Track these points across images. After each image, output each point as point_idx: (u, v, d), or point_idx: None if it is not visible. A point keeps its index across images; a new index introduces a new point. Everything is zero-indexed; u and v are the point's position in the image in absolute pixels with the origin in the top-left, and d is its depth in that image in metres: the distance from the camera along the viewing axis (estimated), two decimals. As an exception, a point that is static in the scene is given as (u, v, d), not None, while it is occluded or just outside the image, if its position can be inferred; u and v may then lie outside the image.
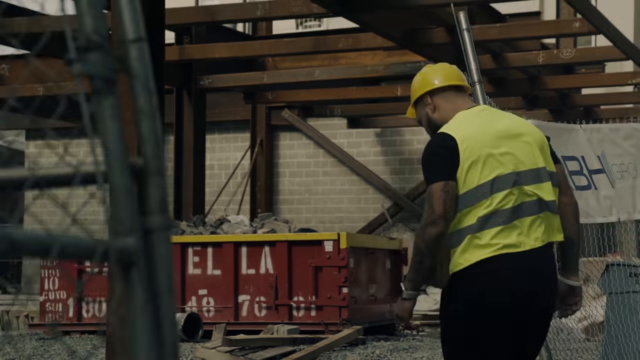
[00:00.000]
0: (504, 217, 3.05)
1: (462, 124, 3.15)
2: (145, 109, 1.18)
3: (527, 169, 3.13)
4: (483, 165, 3.06)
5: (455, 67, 3.37)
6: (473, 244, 3.05)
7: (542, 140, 3.23)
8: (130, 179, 1.16)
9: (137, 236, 1.14)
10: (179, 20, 10.31)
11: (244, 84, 13.47)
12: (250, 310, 9.21)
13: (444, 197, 3.02)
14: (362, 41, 11.57)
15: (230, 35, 14.10)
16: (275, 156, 17.50)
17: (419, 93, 3.29)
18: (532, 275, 3.07)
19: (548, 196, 3.14)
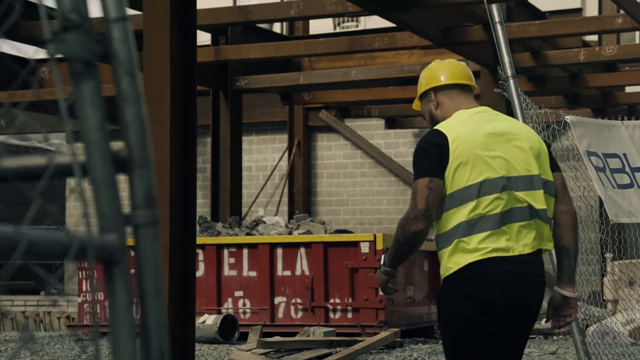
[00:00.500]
0: (492, 222, 3.03)
1: (457, 123, 3.13)
2: (129, 94, 1.09)
3: (519, 175, 3.09)
4: (472, 167, 3.04)
5: (464, 65, 3.34)
6: (460, 248, 3.04)
7: (540, 147, 3.19)
8: (113, 171, 1.06)
9: (120, 233, 1.05)
10: (213, 20, 10.26)
11: (280, 85, 13.41)
12: (287, 312, 9.13)
13: (427, 193, 3.02)
14: (399, 40, 11.44)
15: (266, 35, 14.05)
16: (312, 157, 17.42)
17: (424, 88, 3.30)
18: (521, 280, 3.05)
19: (539, 204, 3.11)
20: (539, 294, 3.12)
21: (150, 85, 6.73)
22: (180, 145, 6.63)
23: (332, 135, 17.32)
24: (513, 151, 3.11)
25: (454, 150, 3.04)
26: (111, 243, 1.03)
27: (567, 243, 3.17)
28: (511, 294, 3.04)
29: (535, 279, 3.09)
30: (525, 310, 3.10)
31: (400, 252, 3.15)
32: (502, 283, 3.02)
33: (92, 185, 1.05)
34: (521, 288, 3.05)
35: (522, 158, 3.12)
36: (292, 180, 16.93)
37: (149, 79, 6.75)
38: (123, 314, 1.04)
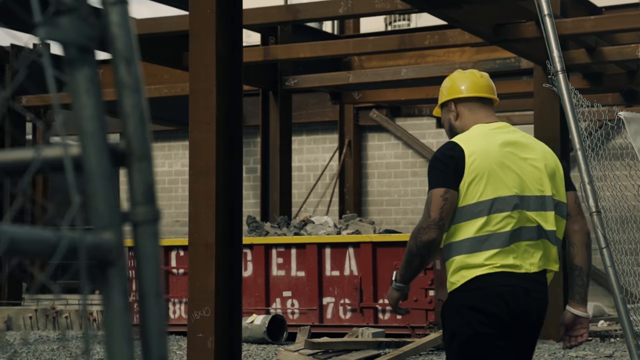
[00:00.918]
0: (501, 240, 3.04)
1: (475, 137, 3.12)
2: (127, 82, 1.02)
3: (531, 195, 3.10)
4: (486, 183, 3.04)
5: (487, 77, 3.32)
6: (467, 264, 3.04)
7: (555, 168, 3.18)
8: (109, 164, 0.99)
9: (116, 231, 0.98)
10: (262, 19, 10.22)
11: (329, 84, 13.33)
12: (335, 312, 9.05)
13: (442, 203, 3.01)
14: (449, 38, 11.28)
15: (316, 35, 13.99)
16: (363, 157, 17.32)
17: (445, 98, 3.29)
18: (526, 295, 3.07)
19: (549, 226, 3.10)
20: (542, 312, 3.13)
21: (197, 84, 6.71)
22: (226, 143, 6.60)
23: (382, 134, 17.20)
24: (528, 170, 3.11)
25: (470, 164, 3.04)
26: (106, 242, 0.96)
27: (579, 262, 3.17)
28: (515, 308, 3.05)
29: (538, 295, 3.11)
30: (529, 325, 3.11)
31: (412, 263, 3.12)
32: (507, 296, 3.04)
33: (87, 179, 0.98)
34: (525, 302, 3.07)
35: (536, 177, 3.12)
36: (343, 180, 16.85)
37: (195, 78, 6.73)
38: (119, 319, 0.97)
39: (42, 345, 9.46)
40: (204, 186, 6.47)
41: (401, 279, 3.21)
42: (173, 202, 17.39)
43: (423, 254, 3.07)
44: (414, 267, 3.14)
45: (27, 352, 8.86)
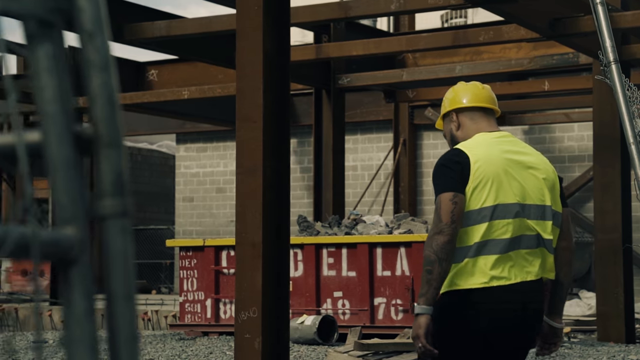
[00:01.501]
0: (501, 246, 3.07)
1: (478, 145, 3.17)
2: (95, 60, 0.92)
3: (532, 203, 3.15)
4: (490, 190, 3.08)
5: (489, 88, 3.38)
6: (469, 269, 3.06)
7: (554, 180, 3.25)
8: (73, 151, 0.89)
9: (80, 225, 0.88)
10: (313, 17, 10.13)
11: (383, 82, 13.18)
12: (387, 313, 8.90)
13: (452, 207, 3.03)
14: (504, 33, 11.04)
15: (369, 33, 13.85)
16: (418, 156, 17.12)
17: (447, 109, 3.33)
18: (520, 311, 3.11)
19: (547, 234, 3.17)
20: (537, 325, 3.19)
21: (243, 82, 6.65)
22: (273, 141, 6.52)
23: (438, 133, 16.95)
24: (529, 179, 3.17)
25: (475, 170, 3.07)
26: (66, 238, 0.86)
27: (562, 278, 3.25)
28: (508, 326, 3.11)
29: (534, 307, 3.16)
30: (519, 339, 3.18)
31: (432, 274, 3.02)
32: (498, 313, 3.09)
33: (49, 169, 0.88)
34: (519, 320, 3.12)
35: (537, 187, 3.17)
36: (398, 179, 16.67)
37: (242, 76, 6.66)
38: (80, 324, 0.87)
39: (94, 344, 9.51)
40: (250, 185, 6.39)
41: (425, 300, 3.04)
42: (228, 202, 17.42)
43: (441, 258, 3.01)
44: (436, 279, 3.02)
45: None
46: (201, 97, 13.81)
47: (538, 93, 14.14)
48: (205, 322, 9.75)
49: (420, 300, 3.05)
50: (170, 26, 10.27)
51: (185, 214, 18.64)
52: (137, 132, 19.24)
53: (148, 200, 22.71)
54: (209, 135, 18.27)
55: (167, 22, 10.26)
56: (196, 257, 9.77)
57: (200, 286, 9.75)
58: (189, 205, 18.60)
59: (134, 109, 15.97)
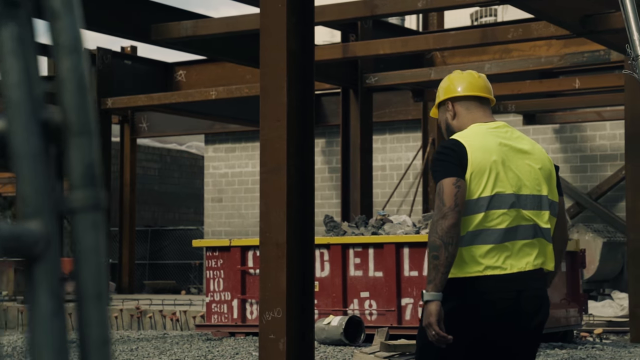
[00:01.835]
0: (496, 236, 3.05)
1: (474, 135, 3.14)
2: (64, 42, 0.86)
3: (529, 193, 3.14)
4: (487, 180, 3.07)
5: (484, 77, 3.37)
6: (461, 257, 3.03)
7: (550, 169, 3.24)
8: (40, 140, 0.84)
9: (46, 219, 0.82)
10: (339, 15, 10.05)
11: (410, 81, 13.07)
12: (414, 314, 8.80)
13: (455, 190, 3.00)
14: (534, 30, 10.90)
15: (397, 32, 13.76)
16: (448, 155, 17.00)
17: (442, 98, 3.31)
18: (515, 300, 3.06)
19: (544, 224, 3.15)
20: (539, 309, 3.10)
21: (267, 80, 6.60)
22: (297, 140, 6.46)
23: (467, 132, 16.83)
24: (526, 169, 3.15)
25: (472, 160, 3.06)
26: (29, 233, 0.81)
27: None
28: (502, 315, 3.05)
29: (534, 293, 3.09)
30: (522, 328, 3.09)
31: (439, 260, 2.96)
32: (494, 304, 3.04)
33: (13, 158, 0.83)
34: (516, 307, 3.05)
35: (533, 177, 3.16)
36: (427, 179, 16.54)
37: (266, 75, 6.61)
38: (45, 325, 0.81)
39: (121, 345, 9.52)
40: (274, 184, 6.34)
41: (433, 286, 2.98)
42: (256, 203, 17.41)
43: (447, 242, 2.96)
44: (443, 264, 2.96)
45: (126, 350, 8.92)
46: (229, 97, 13.80)
47: (569, 91, 13.96)
48: (232, 322, 9.71)
49: (429, 287, 2.99)
50: (196, 26, 10.26)
51: (214, 215, 18.66)
52: (166, 133, 19.28)
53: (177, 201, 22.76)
54: (238, 135, 18.27)
55: (194, 22, 10.26)
56: (222, 257, 9.74)
57: (226, 286, 9.72)
58: (218, 206, 18.62)
59: (162, 109, 16.01)
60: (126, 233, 18.59)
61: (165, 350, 8.88)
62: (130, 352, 8.83)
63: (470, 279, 3.01)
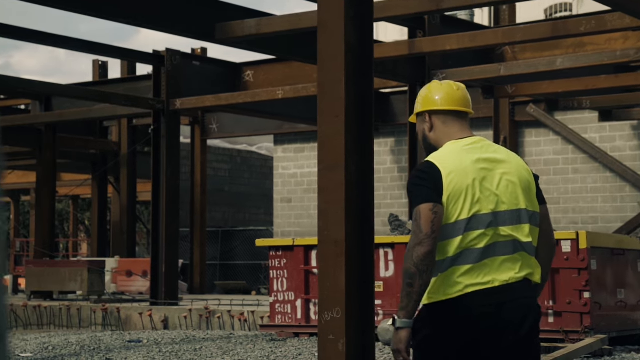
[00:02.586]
0: (474, 255, 3.04)
1: (449, 156, 3.14)
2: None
3: (507, 209, 3.12)
4: (464, 202, 3.06)
5: (463, 89, 3.32)
6: (442, 281, 3.03)
7: (529, 179, 3.21)
8: None
9: None
10: (403, 11, 9.84)
11: (480, 78, 12.77)
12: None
13: (432, 217, 3.00)
14: (608, 22, 10.51)
15: (466, 27, 13.47)
16: (520, 154, 16.59)
17: (420, 109, 3.31)
18: (500, 310, 3.03)
19: (525, 238, 3.12)
20: (525, 318, 3.05)
21: (325, 75, 6.46)
22: (355, 137, 6.31)
23: (540, 130, 16.42)
24: (502, 185, 3.13)
25: (448, 184, 3.05)
26: None
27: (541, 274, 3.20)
28: (487, 329, 3.02)
29: (519, 302, 3.05)
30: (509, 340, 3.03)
31: (412, 287, 2.98)
32: (477, 319, 3.01)
33: None
34: (500, 319, 3.02)
35: (510, 192, 3.13)
36: (499, 178, 16.21)
37: (323, 69, 6.48)
38: None
39: (186, 344, 9.51)
40: (332, 181, 6.19)
41: (405, 313, 3.00)
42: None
43: (422, 270, 2.98)
44: (416, 292, 2.98)
45: (170, 352, 8.91)
46: (295, 96, 13.71)
47: (646, 86, 13.46)
48: (296, 322, 9.61)
49: (401, 314, 3.02)
50: (259, 24, 10.20)
51: (284, 215, 18.63)
52: (235, 134, 19.34)
53: (248, 202, 22.82)
54: (307, 135, 18.20)
55: (257, 20, 10.20)
56: (286, 256, 9.66)
57: (290, 286, 9.62)
58: (287, 206, 18.59)
59: (230, 110, 16.03)
60: (197, 234, 18.70)
61: (229, 350, 8.83)
62: (194, 351, 8.81)
63: (453, 300, 3.01)
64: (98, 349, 9.35)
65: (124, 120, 19.73)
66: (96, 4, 9.76)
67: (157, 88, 14.84)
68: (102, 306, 14.59)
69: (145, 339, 10.18)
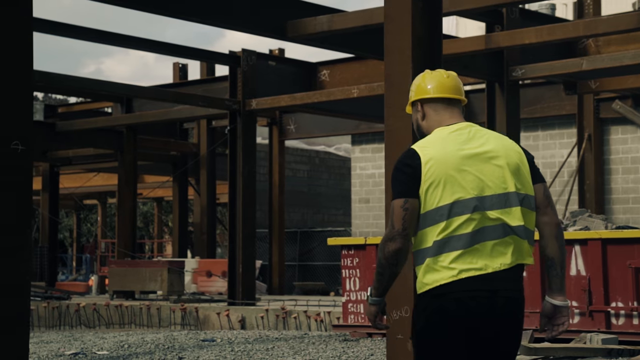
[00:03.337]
0: (463, 241, 3.08)
1: (434, 142, 3.18)
2: None
3: (493, 194, 3.14)
4: (444, 188, 3.11)
5: (455, 76, 3.34)
6: (432, 267, 3.09)
7: (519, 162, 3.21)
8: None
9: None
10: (476, 3, 9.59)
11: (560, 72, 12.37)
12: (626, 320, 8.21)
13: (403, 213, 3.09)
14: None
15: (547, 21, 13.09)
16: (605, 152, 16.07)
17: (413, 98, 3.35)
18: (490, 299, 3.08)
19: (514, 221, 3.14)
20: (513, 310, 3.12)
21: (392, 68, 6.31)
22: (424, 131, 6.13)
23: (627, 127, 15.87)
24: (488, 169, 3.16)
25: (426, 171, 3.10)
26: None
27: (551, 253, 3.20)
28: (480, 314, 3.08)
29: (509, 294, 3.11)
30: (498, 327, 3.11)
31: (383, 276, 3.16)
32: (470, 303, 3.06)
33: None
34: (490, 308, 3.08)
35: (497, 176, 3.16)
36: (583, 176, 15.73)
37: (390, 62, 6.33)
38: None
39: (259, 344, 9.46)
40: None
41: (375, 292, 3.24)
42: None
43: (392, 264, 3.12)
44: (385, 279, 3.16)
45: (242, 351, 8.87)
46: (370, 94, 13.56)
47: None
48: (368, 322, 9.44)
49: (373, 292, 3.23)
50: (331, 21, 10.10)
51: (362, 216, 18.49)
52: (313, 134, 19.29)
53: (326, 203, 22.75)
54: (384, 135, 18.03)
55: (329, 17, 10.10)
56: (358, 255, 9.51)
57: (362, 285, 9.48)
58: (365, 207, 18.44)
59: (306, 109, 15.98)
60: (276, 234, 18.72)
61: (301, 350, 8.74)
62: (265, 351, 8.75)
63: (446, 285, 3.06)
64: (172, 347, 9.37)
65: (203, 122, 19.91)
66: (170, 4, 9.81)
67: (233, 89, 14.88)
68: (181, 306, 14.70)
69: (219, 338, 10.18)
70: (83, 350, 9.20)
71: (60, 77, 14.42)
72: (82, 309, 15.57)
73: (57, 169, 22.19)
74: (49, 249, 21.27)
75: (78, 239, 37.19)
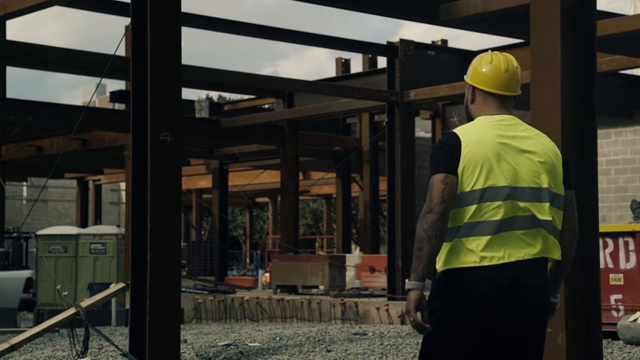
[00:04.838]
0: (491, 227, 3.12)
1: (475, 128, 3.23)
2: None
3: (526, 186, 3.18)
4: (479, 173, 3.15)
5: (514, 69, 3.29)
6: (458, 248, 3.13)
7: (555, 162, 3.26)
8: None
9: None
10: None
11: None
12: None
13: (442, 187, 3.13)
14: None
15: None
16: None
17: (468, 80, 3.36)
18: (515, 285, 3.10)
19: (543, 216, 3.18)
20: (536, 297, 3.14)
21: (538, 40, 5.84)
22: (574, 108, 5.64)
23: None
24: (524, 162, 3.20)
25: (465, 154, 3.15)
26: None
27: (563, 258, 3.29)
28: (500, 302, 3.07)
29: (532, 282, 3.13)
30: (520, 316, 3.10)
31: (422, 251, 3.08)
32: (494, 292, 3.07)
33: None
34: (512, 295, 3.09)
35: (532, 170, 3.20)
36: None
37: (537, 34, 5.86)
38: None
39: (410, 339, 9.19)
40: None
41: (415, 276, 3.09)
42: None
43: (431, 235, 3.08)
44: (425, 255, 3.07)
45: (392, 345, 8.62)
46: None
47: None
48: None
49: (412, 276, 3.10)
50: (486, 2, 9.64)
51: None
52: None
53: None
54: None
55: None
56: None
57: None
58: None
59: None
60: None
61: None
62: (416, 345, 8.47)
63: (468, 269, 3.07)
64: (322, 340, 9.25)
65: (365, 117, 19.77)
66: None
67: (391, 80, 14.63)
68: (341, 300, 14.62)
69: (371, 332, 9.96)
70: (236, 341, 9.24)
71: (216, 72, 14.65)
72: (245, 302, 15.81)
73: (226, 167, 22.69)
74: (219, 244, 21.79)
75: (251, 235, 38.13)
